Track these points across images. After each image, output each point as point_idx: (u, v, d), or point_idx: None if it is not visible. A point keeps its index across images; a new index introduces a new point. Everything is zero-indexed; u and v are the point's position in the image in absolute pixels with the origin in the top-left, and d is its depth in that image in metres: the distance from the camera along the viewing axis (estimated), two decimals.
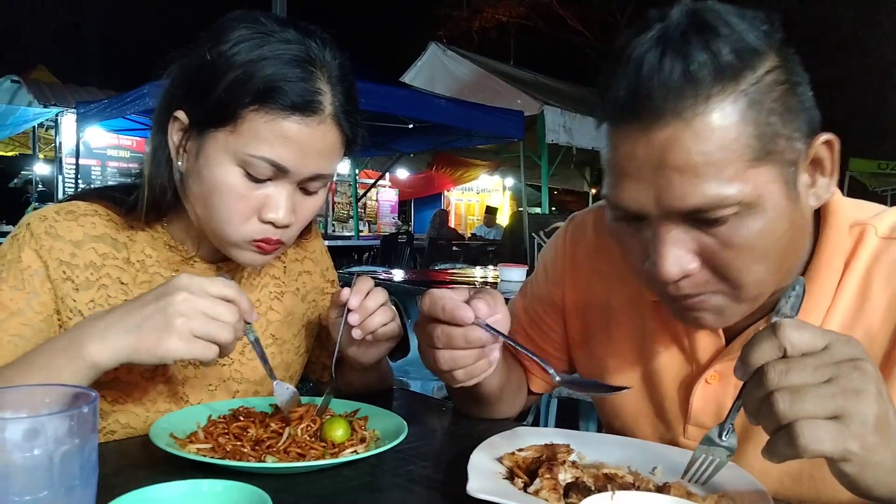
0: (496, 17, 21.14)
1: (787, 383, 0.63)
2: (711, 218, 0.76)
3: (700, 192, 0.74)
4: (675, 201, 0.75)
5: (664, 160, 0.75)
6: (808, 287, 0.85)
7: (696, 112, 0.73)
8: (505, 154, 11.62)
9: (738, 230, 0.77)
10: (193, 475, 0.71)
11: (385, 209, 17.29)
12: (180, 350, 0.85)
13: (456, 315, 0.86)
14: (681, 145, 0.74)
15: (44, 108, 9.29)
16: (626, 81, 0.76)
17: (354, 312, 1.02)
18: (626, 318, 1.05)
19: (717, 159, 0.74)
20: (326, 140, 0.98)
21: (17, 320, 0.97)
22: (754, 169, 0.75)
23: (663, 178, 0.75)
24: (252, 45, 0.94)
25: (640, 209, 0.79)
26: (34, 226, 1.02)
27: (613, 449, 0.90)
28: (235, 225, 0.98)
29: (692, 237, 0.78)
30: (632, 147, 0.77)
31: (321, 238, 1.36)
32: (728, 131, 0.73)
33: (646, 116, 0.75)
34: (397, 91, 7.05)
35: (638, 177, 0.77)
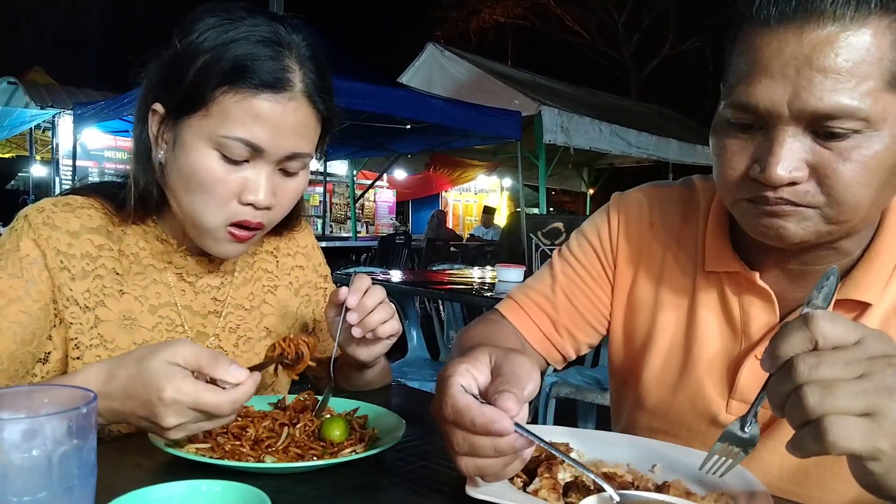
0: (494, 18, 21.16)
1: (818, 377, 0.62)
2: (836, 129, 0.78)
3: (836, 98, 0.77)
4: (810, 101, 0.78)
5: (811, 60, 0.78)
6: (867, 265, 0.90)
7: (855, 21, 0.77)
8: (502, 154, 11.63)
9: (857, 147, 0.79)
10: (192, 475, 0.71)
11: (383, 210, 17.28)
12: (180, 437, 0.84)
13: (492, 429, 0.67)
14: (831, 48, 0.77)
15: (40, 110, 9.27)
16: None
17: (353, 311, 1.02)
18: (677, 289, 1.06)
19: (860, 72, 0.77)
20: (299, 117, 0.98)
21: (15, 307, 0.98)
22: (887, 94, 0.78)
23: (805, 78, 0.78)
24: (220, 31, 0.96)
25: (770, 106, 0.80)
26: (32, 216, 1.02)
27: (612, 447, 0.90)
28: (214, 209, 0.98)
29: (809, 148, 0.81)
30: (781, 45, 0.79)
31: (312, 234, 1.36)
32: (876, 49, 0.77)
33: (807, 15, 0.78)
34: (395, 92, 7.05)
35: (780, 75, 0.79)
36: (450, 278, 4.32)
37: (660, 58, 21.30)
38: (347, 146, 9.98)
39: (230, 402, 0.80)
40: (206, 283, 1.15)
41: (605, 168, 13.83)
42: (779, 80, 0.80)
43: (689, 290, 1.04)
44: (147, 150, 1.04)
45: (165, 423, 0.80)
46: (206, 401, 0.79)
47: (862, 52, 0.77)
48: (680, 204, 1.10)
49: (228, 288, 1.17)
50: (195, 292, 1.13)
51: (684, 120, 12.99)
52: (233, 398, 0.80)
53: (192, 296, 1.13)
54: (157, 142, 1.02)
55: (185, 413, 0.80)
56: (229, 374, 0.80)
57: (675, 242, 1.08)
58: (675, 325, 1.05)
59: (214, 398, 0.79)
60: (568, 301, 1.14)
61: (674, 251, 1.07)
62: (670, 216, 1.10)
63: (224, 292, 1.16)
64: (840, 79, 0.77)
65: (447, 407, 0.70)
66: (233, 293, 1.17)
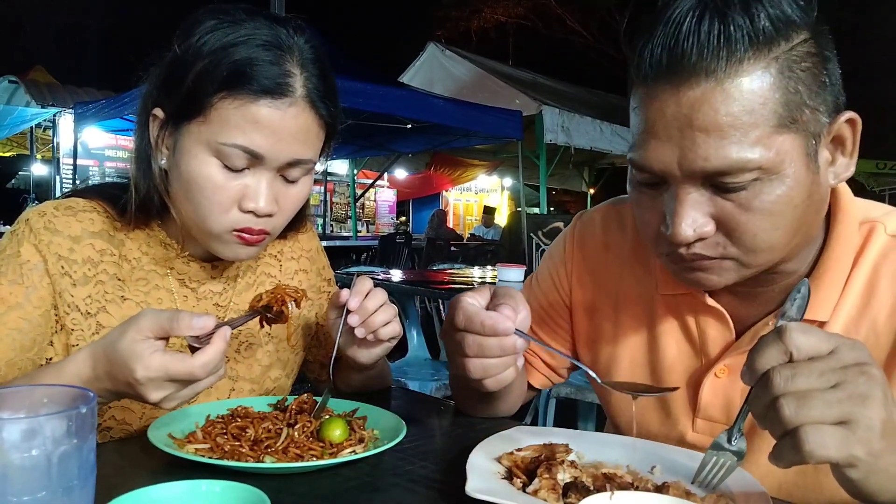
0: (495, 18, 21.15)
1: (793, 388, 0.63)
2: (732, 182, 0.77)
3: (723, 154, 0.76)
4: (698, 162, 0.77)
5: (691, 120, 0.76)
6: (817, 283, 0.87)
7: (728, 73, 0.75)
8: (503, 154, 11.62)
9: (757, 196, 0.78)
10: (192, 475, 0.71)
11: (383, 209, 17.28)
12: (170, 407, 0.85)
13: (498, 328, 0.85)
14: (709, 105, 0.75)
15: (41, 109, 9.28)
16: (662, 40, 0.77)
17: (354, 314, 1.02)
18: (634, 312, 1.05)
19: (743, 122, 0.75)
20: (300, 123, 0.97)
21: (15, 314, 0.97)
22: (778, 136, 0.76)
23: (689, 139, 0.77)
24: (220, 35, 0.94)
25: (663, 169, 0.80)
26: (33, 221, 1.02)
27: (612, 448, 0.90)
28: (216, 216, 0.97)
29: (710, 201, 0.80)
30: (661, 106, 0.78)
31: (317, 237, 1.36)
32: (756, 96, 0.75)
33: (679, 74, 0.76)
34: (396, 91, 7.05)
35: (665, 136, 0.79)
36: (450, 278, 4.32)
37: None
38: (348, 145, 9.97)
39: (201, 365, 0.80)
40: (208, 289, 1.14)
41: (606, 168, 13.82)
42: (665, 142, 0.78)
43: (648, 311, 1.04)
44: (148, 156, 1.03)
45: (150, 399, 0.81)
46: (176, 371, 0.79)
47: (743, 103, 0.75)
48: (633, 223, 1.09)
49: (231, 293, 1.16)
50: (197, 298, 1.12)
51: None
52: (202, 361, 0.80)
53: (194, 301, 1.12)
54: (157, 147, 1.01)
55: (163, 386, 0.81)
56: (193, 328, 0.80)
57: (629, 264, 1.07)
58: (637, 348, 1.05)
59: (183, 366, 0.80)
60: (533, 332, 1.15)
61: (629, 273, 1.07)
62: (624, 236, 1.09)
63: (226, 298, 1.16)
64: (724, 134, 0.75)
65: (459, 315, 0.87)
66: (235, 298, 1.17)
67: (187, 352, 0.83)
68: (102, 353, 0.83)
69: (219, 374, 0.83)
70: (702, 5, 0.76)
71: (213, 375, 0.83)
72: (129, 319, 0.82)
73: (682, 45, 0.76)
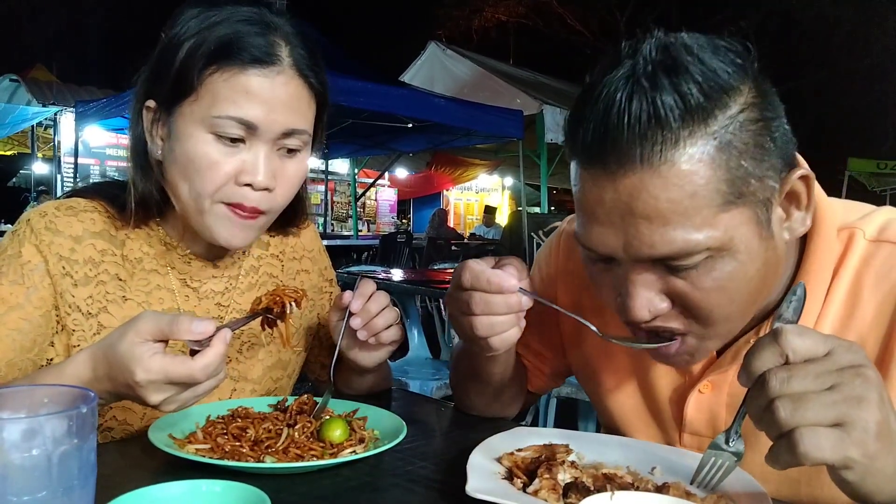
0: (496, 17, 21.14)
1: (789, 390, 0.63)
2: (681, 265, 0.75)
3: (668, 239, 0.73)
4: (643, 249, 0.75)
5: (631, 208, 0.73)
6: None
7: (664, 158, 0.71)
8: (504, 153, 11.62)
9: (709, 273, 0.76)
10: (192, 475, 0.71)
11: (384, 208, 17.29)
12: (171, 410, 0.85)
13: (503, 285, 0.85)
14: (648, 193, 0.72)
15: (42, 108, 9.28)
16: (593, 124, 0.74)
17: (356, 316, 1.02)
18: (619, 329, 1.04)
19: (686, 207, 0.72)
20: (290, 91, 0.98)
21: (16, 314, 0.97)
22: (725, 213, 0.73)
23: (631, 226, 0.74)
24: (204, 17, 0.97)
25: (609, 253, 0.78)
26: (34, 221, 1.02)
27: (612, 449, 0.90)
28: (211, 191, 0.97)
29: (662, 279, 0.78)
30: (599, 192, 0.76)
31: (319, 237, 1.35)
32: (697, 177, 0.72)
33: (612, 162, 0.73)
34: (396, 90, 7.05)
35: (607, 222, 0.76)
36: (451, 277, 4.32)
37: None
38: (349, 145, 9.97)
39: (201, 368, 0.80)
40: (210, 288, 1.14)
41: None
42: (608, 228, 0.76)
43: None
44: (144, 151, 1.03)
45: (150, 401, 0.81)
46: (176, 373, 0.79)
47: (683, 187, 0.71)
48: None
49: (233, 293, 1.16)
50: (199, 298, 1.12)
51: None
52: (203, 364, 0.80)
53: (196, 301, 1.12)
54: (152, 138, 1.02)
55: (163, 389, 0.80)
56: (192, 333, 0.80)
57: None
58: (622, 362, 1.04)
59: (183, 369, 0.79)
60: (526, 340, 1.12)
61: None
62: None
63: (228, 297, 1.15)
64: (667, 220, 0.72)
65: (466, 275, 0.87)
66: (237, 298, 1.16)
67: (187, 354, 0.82)
68: (102, 354, 0.83)
69: (219, 377, 0.83)
70: (630, 85, 0.72)
71: (214, 379, 0.82)
72: (129, 321, 0.82)
73: (613, 132, 0.72)
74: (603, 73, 0.76)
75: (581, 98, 0.78)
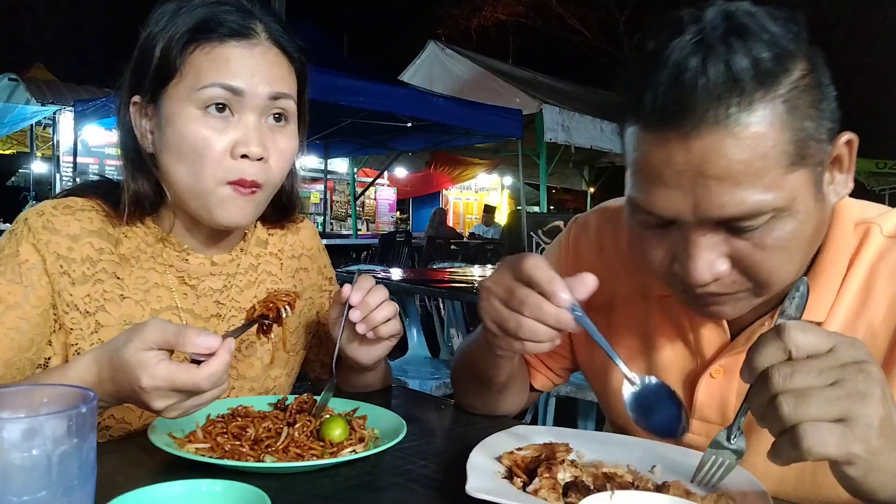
0: (495, 16, 21.13)
1: (792, 386, 0.63)
2: (747, 225, 0.77)
3: (739, 200, 0.75)
4: (713, 210, 0.76)
5: (703, 169, 0.74)
6: (813, 283, 0.87)
7: (737, 119, 0.73)
8: (503, 153, 11.61)
9: (771, 233, 0.78)
10: (192, 475, 0.71)
11: (383, 208, 17.28)
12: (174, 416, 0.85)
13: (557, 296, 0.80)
14: (721, 154, 0.74)
15: (41, 107, 9.26)
16: (665, 87, 0.75)
17: (356, 309, 1.02)
18: (629, 313, 1.05)
19: (757, 168, 0.74)
20: (269, 59, 1.02)
21: (14, 313, 0.97)
22: (790, 174, 0.76)
23: (702, 187, 0.75)
24: (177, 7, 1.01)
25: (675, 216, 0.79)
26: (32, 220, 1.02)
27: (612, 448, 0.90)
28: (210, 169, 0.98)
29: (725, 241, 0.79)
30: (668, 154, 0.76)
31: (318, 235, 1.36)
32: (767, 138, 0.74)
33: (686, 124, 0.74)
34: (396, 90, 7.05)
35: (676, 184, 0.77)
36: (450, 276, 4.32)
37: None
38: (348, 144, 9.97)
39: (206, 377, 0.80)
40: (208, 286, 1.13)
41: (606, 166, 13.81)
42: (676, 190, 0.77)
43: (643, 312, 1.04)
44: (134, 147, 1.05)
45: (154, 406, 0.81)
46: (181, 381, 0.79)
47: (754, 148, 0.73)
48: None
49: (231, 291, 1.16)
50: (197, 295, 1.12)
51: None
52: (208, 373, 0.80)
53: (194, 299, 1.12)
54: (141, 133, 1.04)
55: (168, 396, 0.80)
56: (198, 346, 0.80)
57: (624, 266, 1.06)
58: (632, 348, 1.05)
59: (189, 377, 0.79)
60: None
61: (624, 275, 1.06)
62: (619, 239, 1.08)
63: (227, 295, 1.15)
64: (739, 181, 0.74)
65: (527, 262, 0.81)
66: (236, 296, 1.16)
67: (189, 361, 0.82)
68: (107, 358, 0.83)
69: (222, 387, 0.83)
70: (703, 49, 0.74)
71: (217, 388, 0.82)
72: (135, 327, 0.82)
73: (689, 95, 0.73)
74: (666, 38, 0.76)
75: (644, 64, 0.78)
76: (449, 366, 3.82)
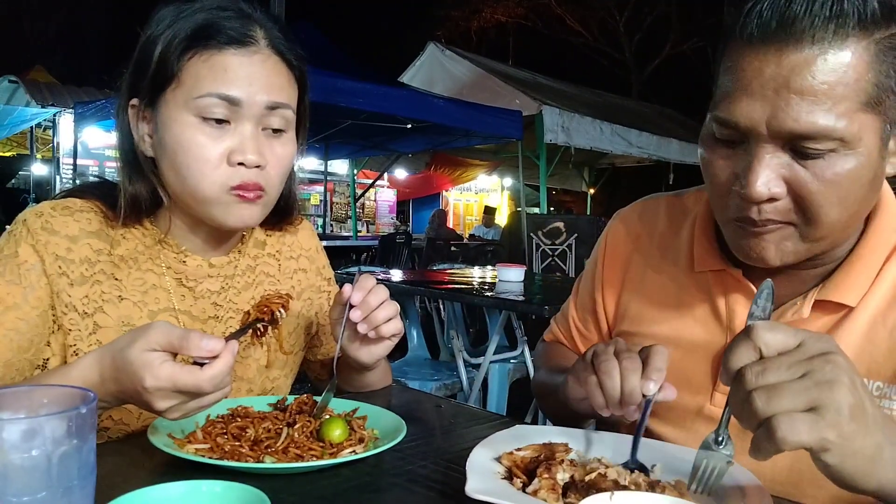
0: (495, 18, 21.16)
1: (764, 382, 0.66)
2: (813, 148, 0.80)
3: (812, 118, 0.79)
4: (787, 122, 0.80)
5: (789, 81, 0.79)
6: (848, 269, 0.92)
7: (832, 44, 0.78)
8: (503, 154, 11.62)
9: (832, 166, 0.81)
10: (192, 475, 0.71)
11: (383, 209, 17.29)
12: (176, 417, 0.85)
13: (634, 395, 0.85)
14: (809, 71, 0.79)
15: (41, 109, 9.27)
16: (774, 4, 0.80)
17: (356, 309, 1.02)
18: (662, 291, 1.10)
19: (836, 93, 0.79)
20: (269, 67, 1.01)
21: (13, 314, 0.97)
22: (863, 113, 0.80)
23: (783, 99, 0.80)
24: (177, 11, 1.00)
25: (750, 125, 0.83)
26: (31, 221, 1.02)
27: (612, 447, 0.90)
28: (208, 175, 0.99)
29: (787, 165, 0.83)
30: (761, 65, 0.81)
31: (316, 236, 1.36)
32: (853, 70, 0.79)
33: (786, 37, 0.79)
34: (396, 91, 7.05)
35: (760, 94, 0.81)
36: (450, 278, 4.32)
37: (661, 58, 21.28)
38: (348, 145, 9.97)
39: (208, 379, 0.80)
40: (206, 287, 1.13)
41: (606, 168, 13.83)
42: (758, 100, 0.82)
43: (675, 291, 1.08)
44: (132, 149, 1.05)
45: (156, 407, 0.81)
46: (184, 383, 0.79)
47: (839, 74, 0.79)
48: (666, 213, 1.16)
49: (229, 292, 1.16)
50: (195, 297, 1.12)
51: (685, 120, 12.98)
52: (210, 374, 0.80)
53: (192, 301, 1.12)
54: (140, 136, 1.04)
55: (170, 397, 0.81)
56: (202, 349, 0.80)
57: (659, 249, 1.13)
58: (662, 324, 1.08)
59: (191, 379, 0.80)
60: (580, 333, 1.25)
61: (659, 258, 1.12)
62: (655, 226, 1.16)
63: (224, 297, 1.15)
64: (817, 100, 0.79)
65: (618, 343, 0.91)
66: (234, 297, 1.16)
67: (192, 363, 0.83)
68: (110, 359, 0.83)
69: (225, 390, 0.83)
70: None
71: (220, 392, 0.83)
72: (140, 329, 0.82)
73: (795, 10, 0.79)
74: None
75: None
76: (449, 367, 3.83)
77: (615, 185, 16.56)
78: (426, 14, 20.92)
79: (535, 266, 6.41)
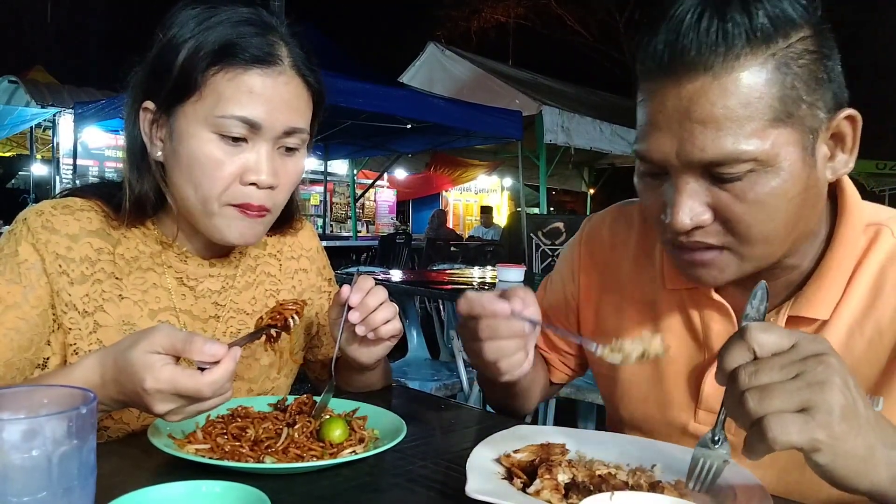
0: (495, 18, 21.13)
1: (757, 383, 0.67)
2: (728, 173, 0.80)
3: (719, 145, 0.79)
4: (695, 152, 0.80)
5: (690, 112, 0.80)
6: (818, 282, 0.91)
7: (724, 68, 0.78)
8: (503, 154, 11.62)
9: (753, 186, 0.81)
10: (192, 476, 0.71)
11: (383, 209, 17.28)
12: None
13: (496, 309, 0.89)
14: (706, 98, 0.79)
15: (41, 109, 9.26)
16: (664, 36, 0.81)
17: (355, 310, 1.02)
18: (639, 307, 1.08)
19: (739, 115, 0.78)
20: (291, 90, 1.00)
21: (13, 314, 0.97)
22: (774, 129, 0.79)
23: (686, 130, 0.80)
24: (201, 18, 0.98)
25: (662, 159, 0.83)
26: (31, 220, 1.02)
27: (611, 447, 0.90)
28: (217, 192, 0.99)
29: (708, 191, 0.83)
30: (662, 99, 0.82)
31: (316, 236, 1.36)
32: (752, 90, 0.78)
33: (679, 68, 0.80)
34: (396, 91, 7.05)
35: (666, 127, 0.82)
36: (450, 278, 4.32)
37: None
38: (348, 146, 9.97)
39: (208, 384, 0.80)
40: (206, 287, 1.13)
41: (606, 168, 13.82)
42: (665, 133, 0.82)
43: (652, 307, 1.07)
44: (141, 151, 1.04)
45: (155, 410, 0.81)
46: (184, 386, 0.79)
47: (738, 97, 0.78)
48: (639, 222, 1.14)
49: (230, 292, 1.16)
50: (195, 297, 1.12)
51: None
52: (210, 380, 0.80)
53: (193, 300, 1.12)
54: (151, 140, 1.03)
55: (170, 399, 0.81)
56: (204, 354, 0.80)
57: (633, 262, 1.11)
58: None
59: (192, 382, 0.79)
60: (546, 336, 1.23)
61: (634, 271, 1.11)
62: (630, 235, 1.13)
63: (225, 297, 1.15)
64: (720, 126, 0.78)
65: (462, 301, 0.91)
66: (234, 297, 1.16)
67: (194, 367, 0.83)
68: (112, 360, 0.83)
69: (225, 396, 0.83)
70: (703, 4, 0.80)
71: (220, 397, 0.83)
72: (144, 331, 0.82)
73: (682, 41, 0.79)
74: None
75: (654, 18, 0.84)
76: (449, 367, 3.83)
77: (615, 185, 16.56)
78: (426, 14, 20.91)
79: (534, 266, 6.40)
